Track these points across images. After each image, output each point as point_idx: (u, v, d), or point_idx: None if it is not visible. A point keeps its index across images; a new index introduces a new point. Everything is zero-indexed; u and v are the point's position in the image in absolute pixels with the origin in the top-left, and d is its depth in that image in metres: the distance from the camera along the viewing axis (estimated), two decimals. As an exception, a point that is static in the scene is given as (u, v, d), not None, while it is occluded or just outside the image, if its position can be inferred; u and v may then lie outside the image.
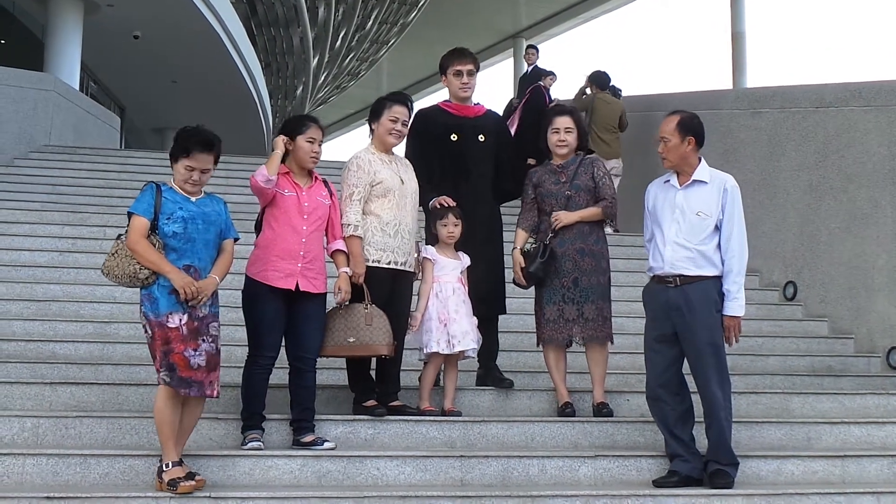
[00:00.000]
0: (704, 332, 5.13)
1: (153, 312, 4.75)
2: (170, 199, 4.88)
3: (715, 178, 5.32)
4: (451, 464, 5.25)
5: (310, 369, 5.33)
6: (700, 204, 5.25)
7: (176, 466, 4.71)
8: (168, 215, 4.82)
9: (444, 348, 5.69)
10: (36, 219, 9.46)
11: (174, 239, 4.82)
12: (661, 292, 5.26)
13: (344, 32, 33.50)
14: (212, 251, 4.96)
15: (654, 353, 5.31)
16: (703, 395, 5.18)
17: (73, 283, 7.97)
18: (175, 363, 4.70)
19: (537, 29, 33.96)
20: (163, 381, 4.70)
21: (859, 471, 5.62)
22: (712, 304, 5.16)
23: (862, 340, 8.26)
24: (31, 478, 4.86)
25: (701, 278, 5.18)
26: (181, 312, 4.75)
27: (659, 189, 5.45)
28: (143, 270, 4.74)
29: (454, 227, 5.82)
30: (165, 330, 4.72)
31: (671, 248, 5.23)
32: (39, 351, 6.80)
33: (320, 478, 5.10)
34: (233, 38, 21.04)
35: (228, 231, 5.07)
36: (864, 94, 8.61)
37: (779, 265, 9.31)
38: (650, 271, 5.39)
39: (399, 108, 5.76)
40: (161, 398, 4.74)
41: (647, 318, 5.41)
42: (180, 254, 4.82)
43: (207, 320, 4.87)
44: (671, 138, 5.29)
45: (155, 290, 4.76)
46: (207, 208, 4.97)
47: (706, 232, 5.21)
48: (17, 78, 13.64)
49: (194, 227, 4.87)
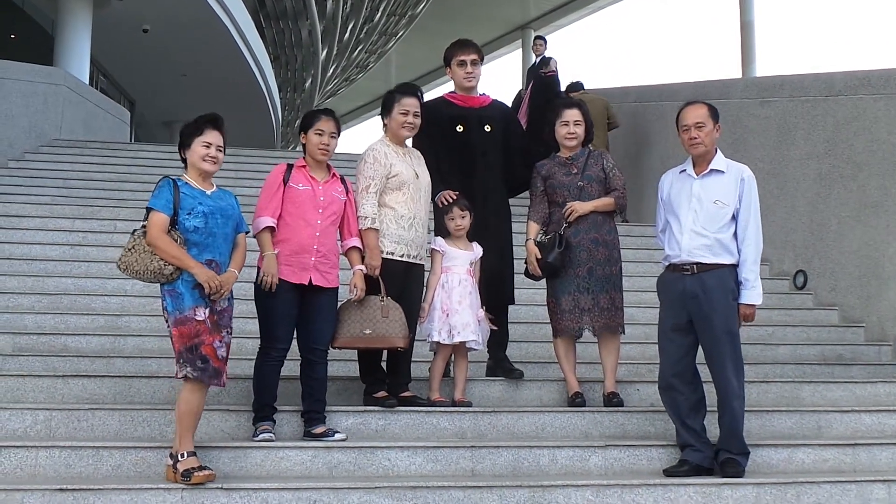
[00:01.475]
0: (721, 319, 5.14)
1: (178, 308, 4.76)
2: (188, 193, 4.89)
3: (731, 168, 5.34)
4: (462, 454, 5.27)
5: (321, 361, 5.35)
6: (718, 193, 5.26)
7: (191, 456, 4.73)
8: (189, 210, 4.83)
9: (444, 338, 5.72)
10: (47, 213, 9.50)
11: (195, 234, 4.83)
12: (678, 281, 5.27)
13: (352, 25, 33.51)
14: (229, 245, 5.00)
15: (668, 343, 5.32)
16: (718, 384, 5.19)
17: (84, 277, 8.01)
18: (207, 354, 4.73)
19: (546, 20, 33.96)
20: (189, 376, 4.71)
21: (870, 459, 5.61)
22: (729, 293, 5.18)
23: (872, 329, 8.24)
24: (44, 470, 4.89)
25: (718, 266, 5.19)
26: (205, 306, 4.78)
27: (675, 178, 5.46)
28: (167, 266, 4.75)
29: (461, 220, 5.84)
30: (194, 324, 4.73)
31: (688, 237, 5.24)
32: (51, 344, 6.83)
33: (331, 469, 5.12)
34: (241, 32, 21.06)
35: (241, 225, 5.10)
36: (873, 81, 8.57)
37: (789, 254, 9.30)
38: (666, 260, 5.40)
39: (409, 99, 5.77)
40: (188, 391, 4.75)
41: (662, 307, 5.42)
42: (201, 248, 4.84)
43: (227, 312, 4.93)
44: (706, 123, 5.31)
45: (180, 284, 4.77)
46: (223, 202, 4.99)
47: (724, 220, 5.23)
48: (27, 72, 13.69)
49: (214, 222, 4.89)
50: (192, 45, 20.68)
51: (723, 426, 5.21)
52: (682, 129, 5.37)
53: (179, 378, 4.79)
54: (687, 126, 5.33)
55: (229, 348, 4.90)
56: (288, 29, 29.08)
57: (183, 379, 4.76)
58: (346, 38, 34.58)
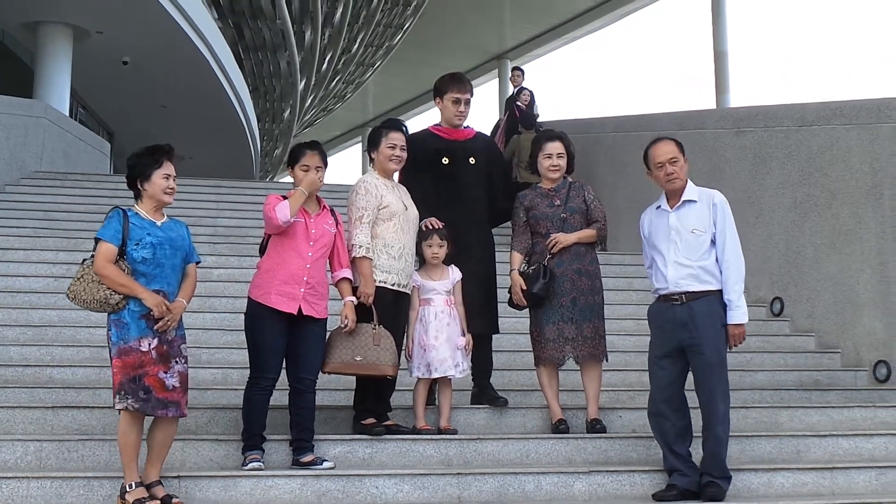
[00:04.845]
0: (711, 346, 5.25)
1: (122, 338, 4.80)
2: (137, 224, 4.93)
3: (703, 196, 5.47)
4: (449, 481, 5.33)
5: (309, 390, 5.42)
6: (693, 222, 5.39)
7: (139, 487, 4.77)
8: (136, 241, 4.88)
9: (423, 373, 5.81)
10: (30, 245, 9.52)
11: (143, 264, 4.88)
12: (667, 310, 5.37)
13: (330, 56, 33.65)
14: (178, 275, 5.04)
15: (659, 370, 5.40)
16: (706, 409, 5.28)
17: (68, 309, 7.95)
18: (151, 385, 4.77)
19: (522, 49, 34.26)
20: (130, 408, 4.74)
21: (848, 482, 5.71)
22: (717, 319, 5.30)
23: (848, 354, 8.38)
24: (35, 500, 4.92)
25: (705, 293, 5.30)
26: (151, 337, 4.82)
27: (653, 215, 5.59)
28: (114, 295, 4.80)
29: (438, 248, 5.93)
30: (138, 354, 4.78)
31: (673, 268, 5.35)
32: (37, 376, 6.86)
33: (320, 497, 5.17)
34: (221, 63, 21.14)
35: (191, 255, 5.15)
36: (845, 112, 8.77)
37: (766, 281, 9.44)
38: (656, 292, 5.50)
39: (395, 134, 5.90)
40: (125, 422, 4.79)
41: (653, 336, 5.51)
42: (149, 279, 4.88)
43: (177, 342, 4.96)
44: (679, 157, 5.44)
45: (125, 314, 4.82)
46: (173, 233, 5.04)
47: (703, 248, 5.35)
48: (7, 105, 13.70)
49: (162, 253, 4.94)
50: (172, 76, 20.74)
51: (706, 450, 5.29)
52: (655, 167, 5.47)
53: (117, 409, 4.81)
54: (661, 163, 5.44)
55: (184, 377, 4.92)
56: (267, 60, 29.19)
57: (122, 411, 4.79)
58: (325, 68, 34.72)
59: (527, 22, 32.22)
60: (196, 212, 11.42)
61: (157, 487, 4.83)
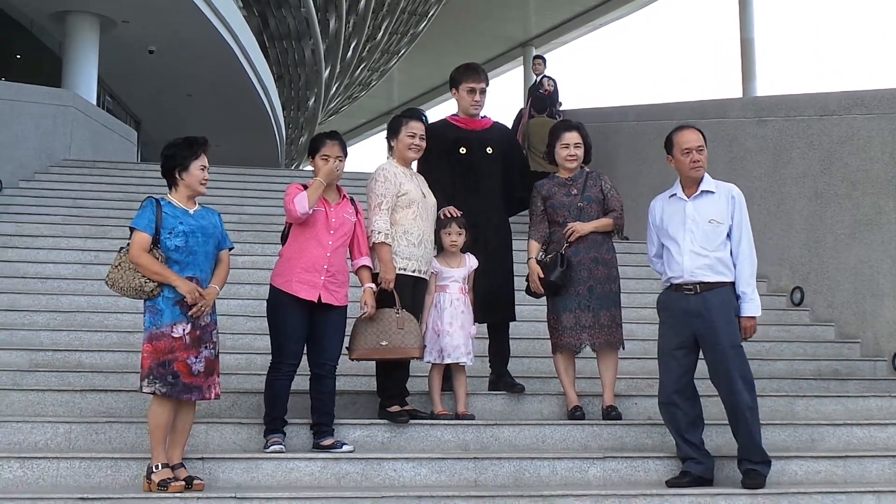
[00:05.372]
0: (726, 335, 5.28)
1: (155, 324, 4.95)
2: (170, 213, 5.08)
3: (721, 188, 5.51)
4: (466, 465, 5.44)
5: (330, 376, 5.53)
6: (711, 212, 5.42)
7: (165, 468, 4.91)
8: (170, 230, 5.02)
9: (435, 358, 5.91)
10: (59, 232, 9.70)
11: (176, 252, 5.02)
12: (680, 300, 5.40)
13: (355, 43, 33.75)
14: (211, 262, 5.18)
15: (671, 360, 5.44)
16: (728, 399, 5.31)
17: (97, 295, 8.16)
18: (178, 371, 4.91)
19: (547, 37, 34.14)
20: (157, 393, 4.89)
21: (861, 471, 5.75)
22: (731, 309, 5.33)
23: (868, 344, 8.40)
24: (65, 480, 5.08)
25: (719, 284, 5.34)
26: (185, 322, 4.97)
27: (665, 203, 5.61)
28: (148, 283, 4.95)
29: (457, 236, 6.01)
30: (169, 340, 4.92)
31: (689, 258, 5.38)
32: (66, 360, 7.01)
33: (339, 479, 5.29)
34: (245, 52, 21.30)
35: (224, 242, 5.28)
36: (866, 101, 8.77)
37: (786, 271, 9.47)
38: (667, 281, 5.53)
39: (415, 123, 6.00)
40: (157, 405, 4.94)
41: (665, 326, 5.53)
42: (183, 266, 5.03)
43: (210, 328, 5.11)
44: (704, 147, 5.50)
45: (160, 301, 4.97)
46: (205, 221, 5.17)
47: (720, 239, 5.39)
48: (37, 94, 13.92)
49: (195, 240, 5.07)
50: (198, 65, 20.93)
51: (739, 438, 5.33)
52: (682, 153, 5.47)
53: (145, 394, 4.97)
54: (689, 149, 5.44)
55: (210, 362, 5.05)
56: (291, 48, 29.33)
57: (151, 395, 4.94)
58: (349, 56, 34.82)
59: (551, 9, 32.13)
60: (221, 199, 11.53)
61: (181, 469, 4.97)
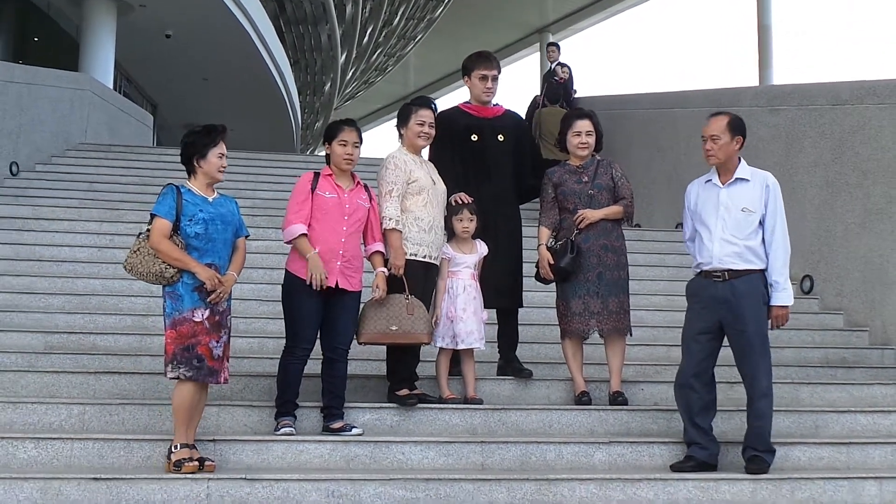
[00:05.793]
0: (753, 323, 5.34)
1: (177, 309, 5.04)
2: (190, 201, 5.17)
3: (756, 176, 5.53)
4: (473, 449, 5.52)
5: (342, 360, 5.62)
6: (744, 200, 5.45)
7: (184, 448, 5.02)
8: (190, 217, 5.11)
9: (448, 343, 5.97)
10: (75, 215, 9.80)
11: (196, 239, 5.11)
12: (709, 286, 5.45)
13: (371, 28, 33.76)
14: (228, 249, 5.27)
15: (695, 344, 5.49)
16: (749, 385, 5.38)
17: (111, 278, 8.25)
18: (203, 354, 5.01)
19: (564, 23, 33.94)
20: (183, 377, 4.98)
21: (864, 457, 5.81)
22: (759, 297, 5.38)
23: (876, 333, 8.43)
24: (78, 460, 5.19)
25: (748, 272, 5.38)
26: (204, 308, 5.06)
27: (700, 188, 5.65)
28: (169, 269, 5.04)
29: (469, 223, 6.06)
30: (191, 324, 5.01)
31: (719, 245, 5.42)
32: (81, 342, 7.10)
33: (349, 461, 5.39)
34: (262, 36, 21.36)
35: (241, 229, 5.38)
36: (878, 91, 8.77)
37: (797, 259, 9.39)
38: (697, 267, 5.58)
39: (425, 111, 6.05)
40: (185, 388, 5.02)
41: (691, 311, 5.58)
42: (202, 253, 5.12)
43: (227, 313, 5.21)
44: (721, 136, 5.49)
45: (179, 287, 5.05)
46: (223, 209, 5.26)
47: (751, 227, 5.41)
48: (54, 78, 14.00)
49: (214, 228, 5.17)
50: (214, 49, 21.01)
51: (750, 424, 5.40)
52: (702, 140, 5.56)
53: (170, 379, 5.07)
54: (703, 138, 5.52)
55: (227, 347, 5.18)
56: (308, 33, 29.36)
57: (176, 379, 5.04)
58: (366, 41, 34.84)
59: (568, -5, 32.04)
60: (235, 184, 11.61)
61: (193, 450, 5.06)
